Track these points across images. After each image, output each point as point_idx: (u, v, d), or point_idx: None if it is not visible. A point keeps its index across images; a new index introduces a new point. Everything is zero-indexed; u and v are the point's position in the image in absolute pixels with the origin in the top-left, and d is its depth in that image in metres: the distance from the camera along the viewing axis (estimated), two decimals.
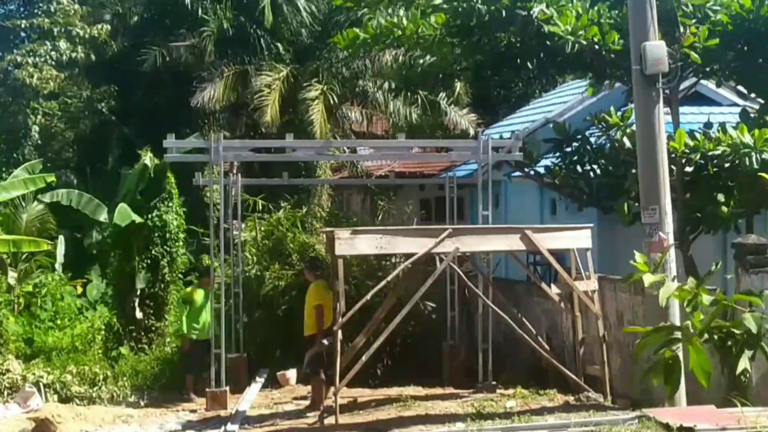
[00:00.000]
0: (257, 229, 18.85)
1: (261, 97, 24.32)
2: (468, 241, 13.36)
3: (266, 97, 24.22)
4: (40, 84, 31.11)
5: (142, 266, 19.45)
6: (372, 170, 27.83)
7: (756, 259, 11.34)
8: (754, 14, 13.79)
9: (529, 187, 19.09)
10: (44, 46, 31.95)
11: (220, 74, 25.70)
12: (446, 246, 13.07)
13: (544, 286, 14.48)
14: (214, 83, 25.48)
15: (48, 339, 20.52)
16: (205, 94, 25.26)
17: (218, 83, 25.40)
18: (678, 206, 13.30)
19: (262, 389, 15.78)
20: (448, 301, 17.00)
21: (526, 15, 13.85)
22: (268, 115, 23.98)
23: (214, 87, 25.38)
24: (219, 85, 25.37)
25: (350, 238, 12.80)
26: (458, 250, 13.28)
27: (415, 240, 13.23)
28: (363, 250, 13.39)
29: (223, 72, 25.76)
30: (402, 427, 12.04)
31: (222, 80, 25.46)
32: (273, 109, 24.16)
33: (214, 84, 25.45)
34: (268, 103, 24.15)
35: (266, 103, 24.16)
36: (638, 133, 11.76)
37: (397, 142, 17.59)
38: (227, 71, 25.74)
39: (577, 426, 10.52)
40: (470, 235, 13.57)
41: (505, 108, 31.27)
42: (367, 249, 13.24)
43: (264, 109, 24.14)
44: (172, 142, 15.29)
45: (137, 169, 20.48)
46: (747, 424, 8.15)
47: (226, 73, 25.70)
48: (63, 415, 13.96)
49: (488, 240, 13.63)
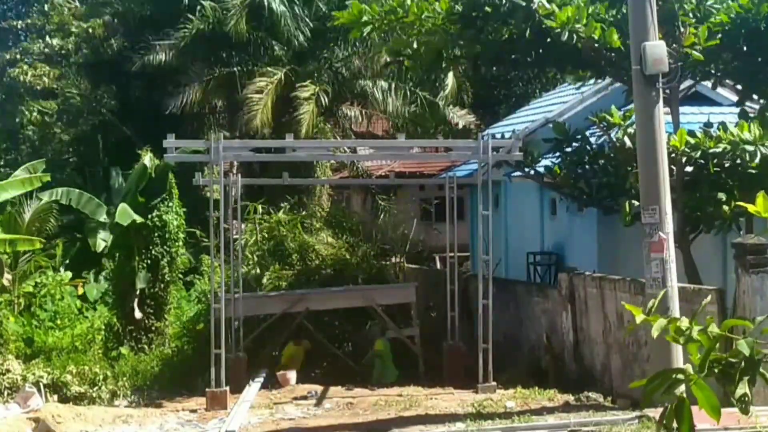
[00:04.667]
0: (257, 230, 18.85)
1: (251, 103, 24.04)
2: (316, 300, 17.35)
3: (257, 102, 23.97)
4: (34, 81, 31.11)
5: (142, 266, 19.45)
6: (372, 170, 27.83)
7: (756, 259, 11.34)
8: (754, 13, 13.79)
9: (529, 187, 19.08)
10: (37, 44, 31.97)
11: (201, 77, 25.35)
12: (298, 306, 17.19)
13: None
14: (191, 88, 25.18)
15: (48, 339, 20.50)
16: (179, 99, 24.84)
17: (195, 88, 25.09)
18: (678, 206, 13.30)
19: (261, 389, 15.77)
20: (448, 301, 17.00)
21: (526, 7, 13.84)
22: (257, 120, 23.64)
23: (190, 92, 25.08)
24: (196, 89, 25.06)
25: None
26: (307, 309, 17.23)
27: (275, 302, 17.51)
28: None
29: (206, 74, 25.39)
30: (402, 427, 12.03)
31: (201, 85, 25.09)
32: (264, 113, 23.82)
33: (190, 89, 25.15)
34: (258, 108, 23.81)
35: (256, 108, 23.83)
36: (638, 133, 11.76)
37: (397, 142, 17.58)
38: (210, 74, 25.37)
39: (577, 426, 10.53)
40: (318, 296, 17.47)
41: (505, 108, 31.27)
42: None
43: (254, 114, 23.78)
44: (172, 142, 15.28)
45: (137, 169, 20.47)
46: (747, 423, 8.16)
47: (208, 76, 25.35)
48: (63, 415, 13.93)
49: (334, 299, 17.40)
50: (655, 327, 3.55)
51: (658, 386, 3.39)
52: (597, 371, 14.66)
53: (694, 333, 3.44)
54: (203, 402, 14.78)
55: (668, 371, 3.42)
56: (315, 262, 18.38)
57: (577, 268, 15.94)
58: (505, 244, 21.18)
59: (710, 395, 3.28)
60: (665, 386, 3.35)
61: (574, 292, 15.20)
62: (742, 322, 3.51)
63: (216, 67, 25.59)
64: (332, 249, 18.64)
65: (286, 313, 17.31)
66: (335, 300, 17.51)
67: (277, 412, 14.18)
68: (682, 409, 3.32)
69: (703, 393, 3.28)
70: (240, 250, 17.93)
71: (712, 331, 3.41)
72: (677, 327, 3.48)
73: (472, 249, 22.55)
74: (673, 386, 3.36)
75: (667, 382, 3.36)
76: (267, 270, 18.15)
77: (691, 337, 3.44)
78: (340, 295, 17.57)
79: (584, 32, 13.70)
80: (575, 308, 15.16)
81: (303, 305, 17.28)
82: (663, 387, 3.34)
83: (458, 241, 17.83)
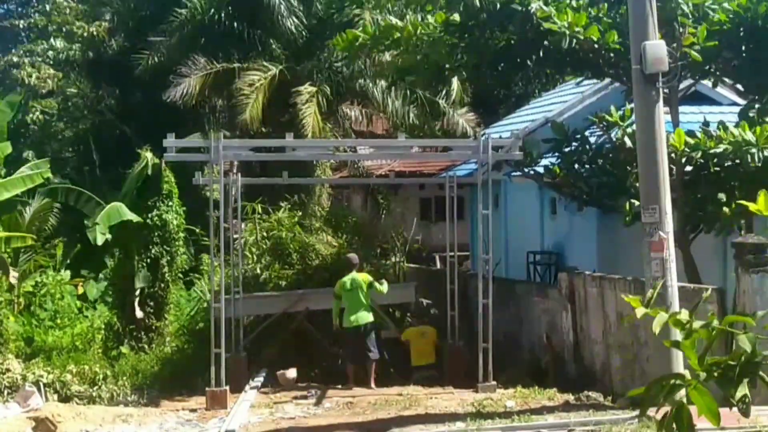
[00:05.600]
0: (257, 230, 18.85)
1: (242, 95, 23.80)
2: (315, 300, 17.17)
3: (248, 96, 23.85)
4: (38, 83, 31.10)
5: (142, 266, 19.45)
6: (372, 170, 27.82)
7: (756, 258, 11.34)
8: (752, 12, 13.78)
9: (529, 187, 19.08)
10: (41, 45, 31.95)
11: (198, 70, 25.24)
12: (298, 306, 17.18)
13: None
14: (189, 79, 25.08)
15: (48, 338, 20.51)
16: (178, 90, 24.58)
17: (194, 79, 25.00)
18: (678, 206, 13.30)
19: (261, 389, 15.77)
20: (448, 300, 17.00)
21: (524, 11, 13.85)
22: (246, 114, 23.39)
23: (189, 83, 24.98)
24: (195, 81, 24.97)
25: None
26: (308, 309, 17.16)
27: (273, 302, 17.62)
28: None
29: (204, 68, 25.30)
30: (402, 427, 12.03)
31: (200, 77, 25.03)
32: (255, 108, 23.59)
33: (189, 80, 25.05)
34: (249, 102, 23.57)
35: (246, 102, 23.59)
36: (638, 133, 11.75)
37: (397, 141, 17.59)
38: (208, 68, 25.31)
39: (577, 425, 10.53)
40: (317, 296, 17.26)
41: (505, 108, 31.25)
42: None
43: (243, 107, 23.53)
44: (171, 141, 15.27)
45: (137, 168, 20.47)
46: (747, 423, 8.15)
47: (207, 70, 25.28)
48: (63, 414, 13.92)
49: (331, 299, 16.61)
50: (656, 321, 3.53)
51: (657, 393, 3.38)
52: (597, 371, 14.66)
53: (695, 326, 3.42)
54: (203, 401, 14.78)
55: (667, 377, 3.41)
56: (315, 261, 18.37)
57: (577, 268, 15.94)
58: (505, 243, 21.18)
59: (710, 401, 3.27)
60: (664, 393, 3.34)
61: (574, 291, 15.20)
62: (743, 318, 3.50)
63: (213, 62, 25.46)
64: (332, 249, 18.64)
65: (286, 312, 17.31)
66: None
67: (277, 411, 14.18)
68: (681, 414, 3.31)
69: (702, 398, 3.28)
70: (240, 249, 17.92)
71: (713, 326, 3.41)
72: (677, 320, 3.47)
73: (472, 248, 22.55)
74: (673, 392, 3.35)
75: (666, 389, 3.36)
76: (267, 270, 18.14)
77: (691, 331, 3.43)
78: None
79: (583, 34, 13.70)
80: (575, 308, 15.17)
81: (302, 305, 17.28)
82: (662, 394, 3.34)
83: (458, 240, 17.83)
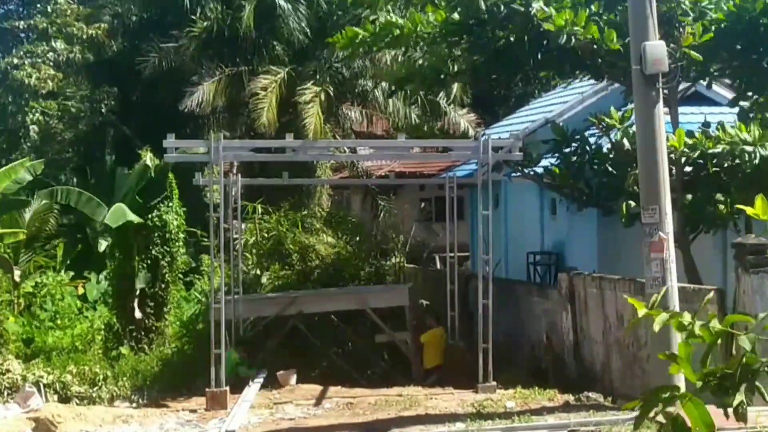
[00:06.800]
0: (257, 230, 18.85)
1: (257, 100, 24.08)
2: (308, 302, 17.25)
3: (262, 100, 24.00)
4: (38, 84, 31.11)
5: (142, 266, 19.45)
6: (372, 170, 27.82)
7: (756, 259, 11.35)
8: (750, 9, 13.78)
9: (529, 188, 19.07)
10: (41, 47, 31.95)
11: (210, 77, 25.37)
12: (290, 309, 17.11)
13: None
14: (203, 86, 25.22)
15: (48, 339, 20.51)
16: (194, 98, 24.90)
17: (207, 86, 25.12)
18: (678, 206, 13.30)
19: (261, 389, 15.77)
20: (448, 300, 16.99)
21: (524, 12, 13.85)
22: (264, 118, 23.69)
23: (203, 90, 25.13)
24: (208, 88, 25.09)
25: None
26: (302, 312, 17.06)
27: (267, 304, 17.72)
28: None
29: (215, 74, 25.45)
30: (402, 427, 12.03)
31: (213, 84, 25.14)
32: (270, 111, 23.88)
33: (203, 87, 25.20)
34: (264, 106, 23.86)
35: (262, 106, 23.87)
36: (638, 133, 11.75)
37: (397, 142, 17.59)
38: (218, 74, 25.44)
39: (577, 426, 10.53)
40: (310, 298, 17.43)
41: (505, 108, 31.25)
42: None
43: (260, 111, 23.84)
44: (172, 142, 15.28)
45: (137, 169, 20.48)
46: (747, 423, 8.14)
47: (218, 76, 25.41)
48: (63, 415, 13.93)
49: (325, 301, 17.22)
50: (657, 321, 3.54)
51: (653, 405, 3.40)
52: (597, 371, 14.66)
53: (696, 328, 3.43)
54: (203, 402, 14.79)
55: (662, 388, 3.42)
56: (315, 262, 18.37)
57: (577, 268, 15.94)
58: (505, 244, 21.17)
59: (704, 413, 3.28)
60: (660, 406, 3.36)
61: (574, 292, 15.20)
62: (744, 318, 3.50)
63: (222, 67, 25.61)
64: (332, 249, 18.64)
65: (280, 314, 17.27)
66: (327, 302, 17.41)
67: (277, 411, 14.19)
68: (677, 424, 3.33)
69: (698, 410, 3.29)
70: (240, 250, 17.92)
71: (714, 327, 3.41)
72: (678, 322, 3.47)
73: (472, 249, 22.55)
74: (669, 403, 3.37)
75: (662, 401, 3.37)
76: (266, 270, 18.14)
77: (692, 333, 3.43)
78: (333, 296, 17.50)
79: (582, 34, 13.70)
80: (575, 308, 15.16)
81: (295, 308, 17.20)
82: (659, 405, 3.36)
83: (458, 241, 17.82)
